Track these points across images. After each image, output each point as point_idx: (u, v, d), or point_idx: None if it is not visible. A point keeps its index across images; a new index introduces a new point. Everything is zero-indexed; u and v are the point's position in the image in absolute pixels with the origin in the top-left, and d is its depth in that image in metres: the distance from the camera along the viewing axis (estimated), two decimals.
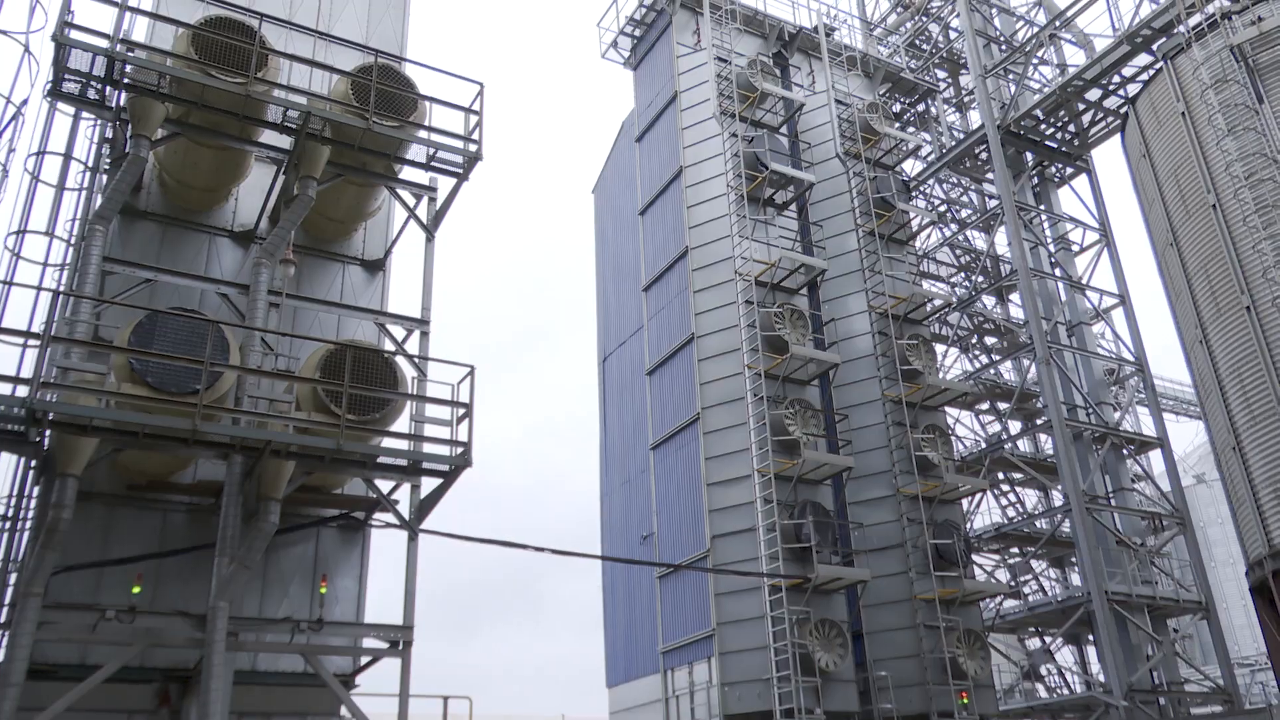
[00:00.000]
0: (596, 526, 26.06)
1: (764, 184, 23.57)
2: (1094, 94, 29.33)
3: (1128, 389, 30.92)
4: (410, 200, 14.94)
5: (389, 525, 13.71)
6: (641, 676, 22.30)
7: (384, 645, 12.55)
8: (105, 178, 13.57)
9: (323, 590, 13.13)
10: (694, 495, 21.59)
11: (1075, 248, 32.05)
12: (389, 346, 13.91)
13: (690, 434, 22.24)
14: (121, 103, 12.77)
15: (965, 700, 20.75)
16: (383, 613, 13.00)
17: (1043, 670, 29.93)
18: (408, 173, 15.04)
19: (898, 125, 30.50)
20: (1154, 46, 26.60)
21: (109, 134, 13.57)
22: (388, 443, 12.66)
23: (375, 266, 15.60)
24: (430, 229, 14.90)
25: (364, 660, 13.42)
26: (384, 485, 13.33)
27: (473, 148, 14.27)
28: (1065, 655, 31.47)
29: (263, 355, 12.99)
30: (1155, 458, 29.82)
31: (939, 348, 31.26)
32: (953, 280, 33.40)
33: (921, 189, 33.51)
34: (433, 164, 14.44)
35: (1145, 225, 24.24)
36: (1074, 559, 28.86)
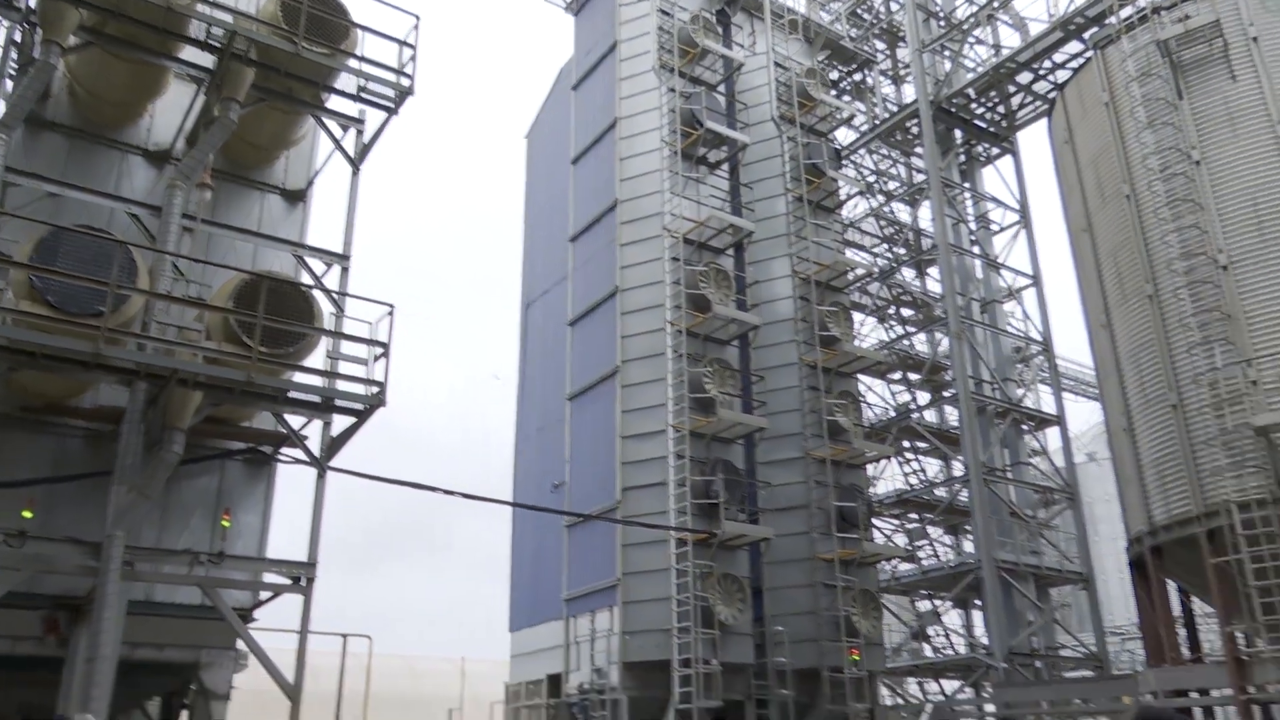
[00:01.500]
0: (510, 473, 26.11)
1: (699, 142, 23.54)
2: (1025, 77, 29.91)
3: (1032, 368, 31.99)
4: (337, 131, 14.55)
5: (297, 461, 13.53)
6: (544, 622, 22.56)
7: (286, 581, 12.46)
8: (10, 84, 12.89)
9: (225, 524, 12.94)
10: (608, 447, 21.75)
11: (995, 227, 32.86)
12: (307, 280, 13.62)
13: (608, 387, 22.34)
14: (32, 4, 12.11)
15: (856, 657, 21.52)
16: (287, 549, 12.88)
17: (930, 631, 31.18)
18: (335, 102, 14.63)
19: (834, 93, 30.68)
20: (1086, 35, 27.20)
21: (17, 37, 12.88)
22: (300, 378, 12.44)
23: (296, 197, 15.19)
24: (356, 162, 14.56)
25: (264, 595, 13.30)
26: (294, 421, 13.14)
27: (405, 81, 13.95)
28: (953, 618, 32.81)
29: (173, 281, 12.62)
30: (1052, 434, 31.05)
31: (857, 316, 31.82)
32: (875, 251, 33.95)
33: (852, 158, 33.85)
34: (362, 95, 14.08)
35: (1063, 210, 24.91)
36: (968, 527, 29.96)
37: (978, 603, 29.12)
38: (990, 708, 26.45)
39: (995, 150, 32.99)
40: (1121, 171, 21.53)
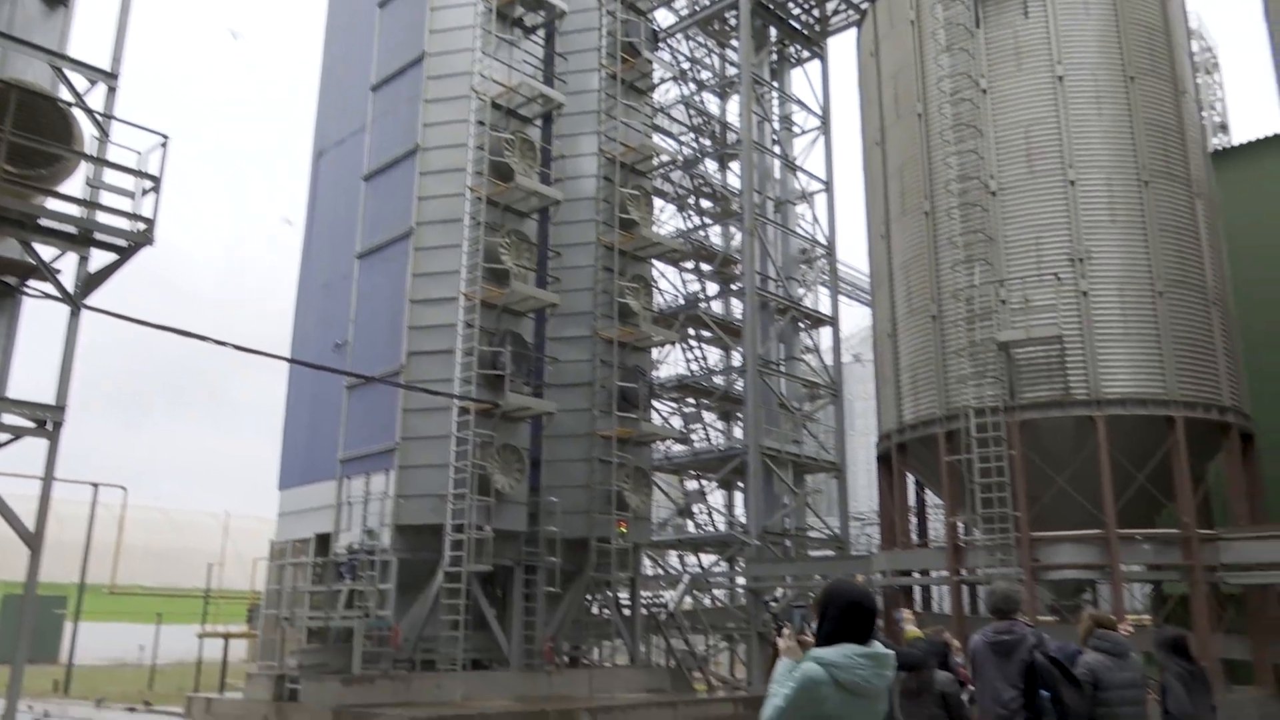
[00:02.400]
0: (290, 329, 25.02)
1: (516, 1, 22.60)
2: None
3: (815, 269, 33.67)
4: None
5: (47, 297, 12.36)
6: (316, 481, 22.15)
7: (29, 424, 11.53)
8: None
9: None
10: (396, 310, 21.22)
11: (797, 130, 33.83)
12: (66, 96, 12.21)
13: (401, 248, 21.64)
14: None
15: (624, 530, 22.56)
16: (37, 392, 11.87)
17: (695, 509, 33.07)
18: None
19: None
20: None
21: None
22: (54, 204, 11.28)
23: (57, 1, 13.45)
24: None
25: (3, 438, 12.27)
26: (46, 254, 11.95)
27: None
28: (716, 498, 34.90)
29: None
30: (825, 334, 33.04)
31: (657, 202, 32.18)
32: (682, 139, 34.22)
33: (668, 42, 33.62)
34: None
35: (861, 121, 25.92)
36: (740, 415, 31.67)
37: (740, 485, 31.06)
38: (741, 580, 28.60)
39: (806, 53, 33.67)
40: (917, 90, 22.56)
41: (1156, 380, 19.13)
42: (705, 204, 34.77)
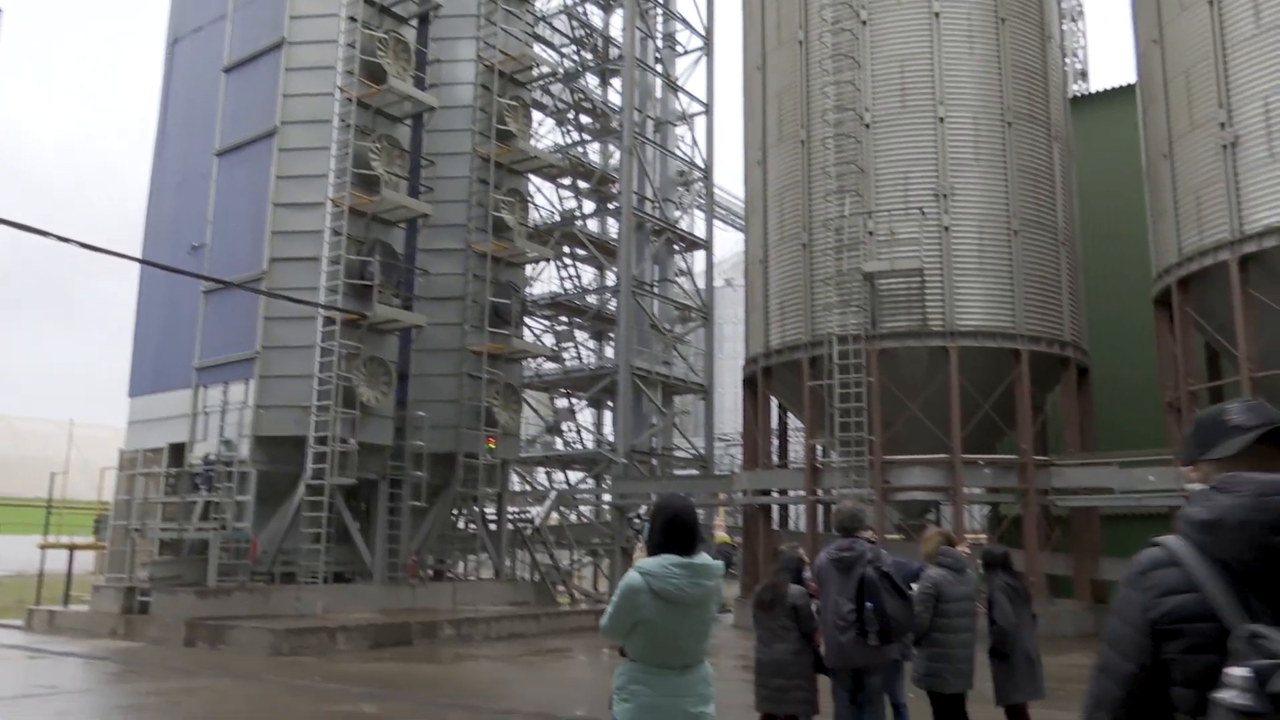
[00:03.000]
0: (142, 226, 23.58)
1: None
2: None
3: (691, 192, 33.77)
4: None
5: None
6: (170, 390, 21.22)
7: None
8: None
9: None
10: (258, 213, 20.27)
11: (680, 49, 33.49)
12: None
13: (264, 147, 20.59)
14: None
15: (492, 445, 22.57)
16: None
17: (564, 427, 33.29)
18: None
19: None
20: None
21: None
22: None
23: None
24: None
25: None
26: None
27: None
28: (586, 416, 35.19)
29: None
30: (699, 258, 33.38)
31: (536, 116, 31.50)
32: (563, 51, 33.44)
33: None
34: None
35: (743, 45, 25.82)
36: (612, 334, 31.84)
37: (609, 404, 31.39)
38: (607, 497, 29.12)
39: None
40: (799, 17, 22.60)
41: (1006, 315, 20.13)
42: (585, 120, 34.24)
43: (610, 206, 32.80)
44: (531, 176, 26.75)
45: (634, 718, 3.73)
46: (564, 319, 34.09)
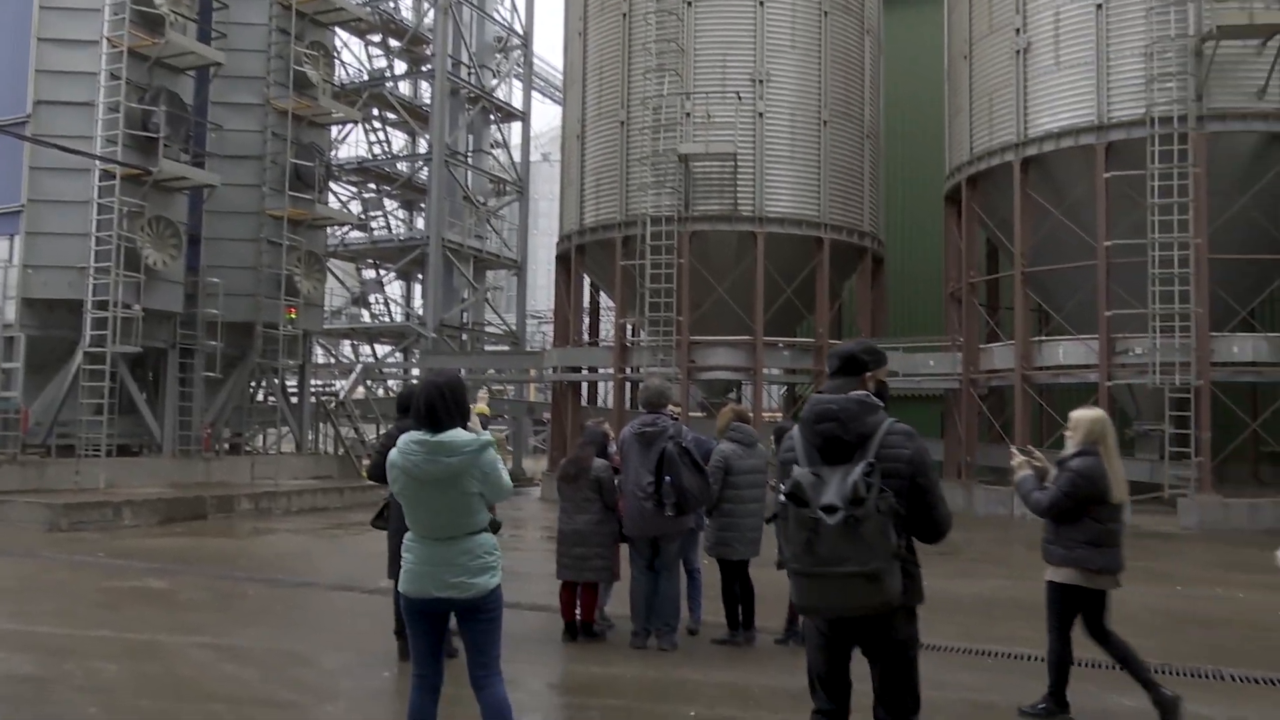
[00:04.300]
0: None
1: None
2: None
3: (510, 60, 32.64)
4: None
5: None
6: None
7: None
8: None
9: None
10: (18, 48, 18.05)
11: None
12: None
13: None
14: None
15: (293, 316, 21.65)
16: None
17: (371, 299, 32.33)
18: None
19: None
20: None
21: None
22: None
23: None
24: None
25: None
26: None
27: None
28: (394, 288, 34.25)
29: None
30: (515, 129, 32.50)
31: None
32: None
33: None
34: None
35: None
36: (423, 204, 30.83)
37: (419, 276, 30.61)
38: (416, 372, 28.70)
39: None
40: None
41: (812, 204, 20.84)
42: None
43: (423, 69, 31.25)
44: (338, 30, 25.04)
45: (401, 583, 3.98)
46: (372, 186, 32.70)
